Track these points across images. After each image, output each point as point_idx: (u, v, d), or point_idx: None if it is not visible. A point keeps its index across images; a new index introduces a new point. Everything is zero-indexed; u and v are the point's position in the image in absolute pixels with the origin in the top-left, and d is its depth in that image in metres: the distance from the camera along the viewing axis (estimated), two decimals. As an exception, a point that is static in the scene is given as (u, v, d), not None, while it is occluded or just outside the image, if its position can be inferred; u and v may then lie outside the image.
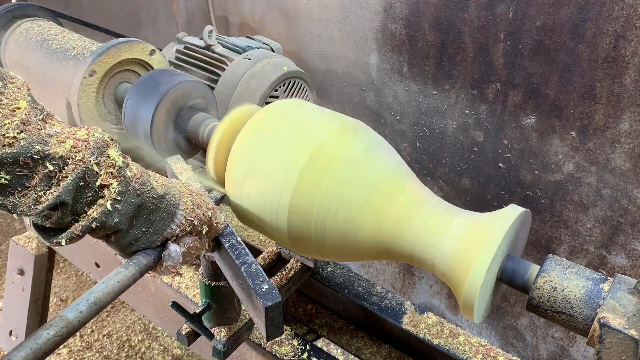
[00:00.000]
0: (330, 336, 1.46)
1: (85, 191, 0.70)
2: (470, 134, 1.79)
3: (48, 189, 0.67)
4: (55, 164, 0.67)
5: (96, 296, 0.71)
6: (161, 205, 0.78)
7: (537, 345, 1.97)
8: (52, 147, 0.67)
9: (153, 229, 0.78)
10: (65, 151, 0.68)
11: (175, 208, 0.80)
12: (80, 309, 0.68)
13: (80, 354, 2.29)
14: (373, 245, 0.95)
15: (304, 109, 1.07)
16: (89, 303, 0.69)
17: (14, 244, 1.90)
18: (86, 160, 0.69)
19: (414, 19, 1.75)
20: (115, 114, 1.51)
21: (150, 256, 0.79)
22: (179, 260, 0.81)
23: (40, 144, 0.66)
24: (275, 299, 0.83)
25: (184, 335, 1.14)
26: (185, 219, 0.81)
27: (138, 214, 0.76)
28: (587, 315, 0.80)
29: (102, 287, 0.72)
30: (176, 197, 0.81)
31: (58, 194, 0.67)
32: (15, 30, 1.62)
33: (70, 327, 0.66)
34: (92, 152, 0.70)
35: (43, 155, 0.66)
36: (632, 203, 1.53)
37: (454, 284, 0.87)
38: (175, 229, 0.80)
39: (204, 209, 0.85)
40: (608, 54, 1.41)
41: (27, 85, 0.70)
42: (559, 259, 0.86)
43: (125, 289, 0.75)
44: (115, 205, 0.72)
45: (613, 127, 1.48)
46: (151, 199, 0.76)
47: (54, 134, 0.69)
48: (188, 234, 0.82)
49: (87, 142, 0.71)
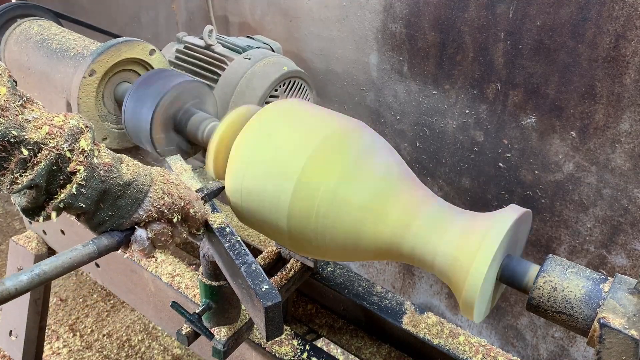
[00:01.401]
0: (330, 336, 1.46)
1: (58, 175, 0.75)
2: (471, 134, 1.79)
3: (24, 171, 0.72)
4: (30, 149, 0.71)
5: (42, 269, 0.72)
6: (127, 192, 0.81)
7: (537, 345, 1.97)
8: (29, 132, 0.72)
9: (119, 213, 0.81)
10: (41, 137, 0.73)
11: (144, 195, 0.83)
12: (21, 278, 0.69)
13: (80, 354, 2.29)
14: (373, 245, 0.95)
15: (304, 108, 1.07)
16: (32, 274, 0.71)
17: (13, 244, 1.90)
18: (59, 147, 0.74)
19: (414, 18, 1.75)
20: (115, 114, 1.51)
21: (115, 238, 0.82)
22: (144, 245, 0.84)
23: (17, 129, 0.70)
24: (275, 299, 0.82)
25: (184, 335, 1.14)
26: (153, 206, 0.84)
27: (103, 198, 0.79)
28: (587, 316, 0.80)
29: (52, 260, 0.74)
30: (145, 184, 0.84)
31: (32, 177, 0.72)
32: (15, 30, 1.62)
33: (5, 294, 0.67)
34: (66, 138, 0.75)
35: (19, 140, 0.70)
36: (632, 203, 1.53)
37: (454, 284, 0.86)
38: (142, 214, 0.83)
39: (175, 197, 0.87)
40: (608, 53, 1.41)
41: (8, 72, 0.74)
42: (559, 259, 0.86)
43: (77, 266, 0.77)
44: (80, 190, 0.76)
45: (613, 127, 1.48)
46: (117, 185, 0.80)
47: (31, 120, 0.73)
48: (156, 220, 0.85)
49: (62, 129, 0.75)
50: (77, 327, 2.42)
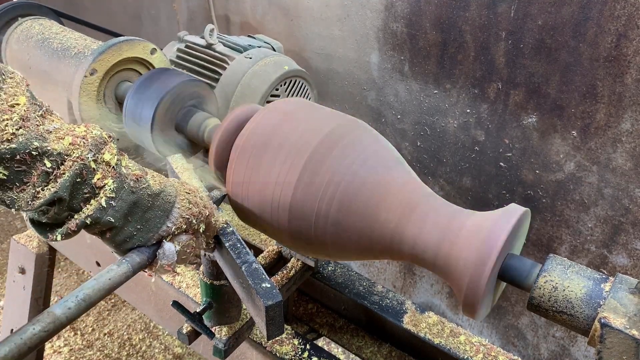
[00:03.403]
0: (331, 335, 1.46)
1: (82, 187, 0.71)
2: (472, 133, 1.79)
3: (46, 184, 0.68)
4: (53, 160, 0.67)
5: (86, 293, 0.70)
6: (156, 203, 0.78)
7: (538, 345, 1.97)
8: (51, 143, 0.68)
9: (148, 226, 0.78)
10: (64, 148, 0.69)
11: (171, 206, 0.80)
12: (68, 305, 0.68)
13: (82, 353, 2.30)
14: (373, 245, 0.95)
15: (305, 107, 1.07)
16: (78, 300, 0.69)
17: (15, 243, 1.90)
18: (84, 157, 0.70)
19: (415, 17, 1.74)
20: (116, 113, 1.51)
21: (145, 254, 0.79)
22: (173, 259, 0.81)
23: (39, 140, 0.66)
24: (276, 298, 0.83)
25: (184, 334, 1.14)
26: (181, 217, 0.81)
27: (133, 211, 0.76)
28: (588, 315, 0.80)
29: (93, 284, 0.72)
30: (172, 195, 0.81)
31: (55, 190, 0.68)
32: (16, 29, 1.62)
33: (57, 323, 0.66)
34: (90, 149, 0.71)
35: (41, 152, 0.66)
36: (634, 202, 1.53)
37: (455, 283, 0.86)
38: (171, 226, 0.80)
39: (200, 207, 0.85)
40: (609, 53, 1.41)
41: (25, 81, 0.70)
42: (560, 259, 0.86)
43: (116, 286, 0.75)
44: (109, 202, 0.73)
45: (614, 127, 1.48)
46: (146, 196, 0.77)
47: (52, 130, 0.69)
48: (184, 232, 0.83)
49: (85, 139, 0.71)
50: (78, 326, 2.43)
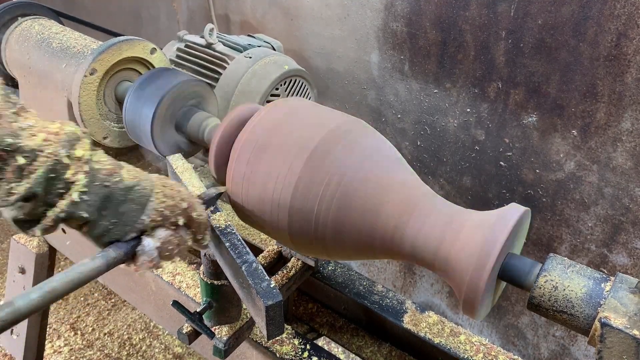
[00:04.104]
0: (331, 335, 1.46)
1: (56, 183, 0.73)
2: (472, 133, 1.79)
3: (20, 180, 0.69)
4: (26, 156, 0.69)
5: (52, 285, 0.70)
6: (130, 196, 0.79)
7: (538, 344, 1.97)
8: (24, 140, 0.70)
9: (124, 220, 0.79)
10: (37, 144, 0.71)
11: (147, 199, 0.81)
12: (32, 296, 0.68)
13: (82, 352, 2.30)
14: (373, 243, 0.95)
15: (305, 107, 1.07)
16: (42, 292, 0.69)
17: (14, 243, 1.90)
18: (57, 153, 0.72)
19: (415, 17, 1.74)
20: (116, 113, 1.51)
21: (122, 249, 0.79)
22: (152, 255, 0.81)
23: (12, 137, 0.69)
24: (276, 298, 0.83)
25: (184, 334, 1.14)
26: (156, 210, 0.81)
27: (106, 205, 0.77)
28: (588, 315, 0.80)
29: (61, 277, 0.72)
30: (148, 188, 0.82)
31: (30, 185, 0.70)
32: (16, 29, 1.62)
33: (16, 313, 0.66)
34: (63, 145, 0.73)
35: (14, 148, 0.69)
36: (634, 202, 1.53)
37: (456, 282, 0.86)
38: (145, 219, 0.80)
39: (177, 200, 0.85)
40: (610, 52, 1.41)
41: (1, 80, 0.73)
42: (560, 258, 0.86)
43: (86, 280, 0.75)
44: (82, 197, 0.74)
45: (614, 126, 1.48)
46: (119, 190, 0.78)
47: (26, 127, 0.71)
48: (161, 226, 0.82)
49: (58, 135, 0.73)
50: (78, 325, 2.43)
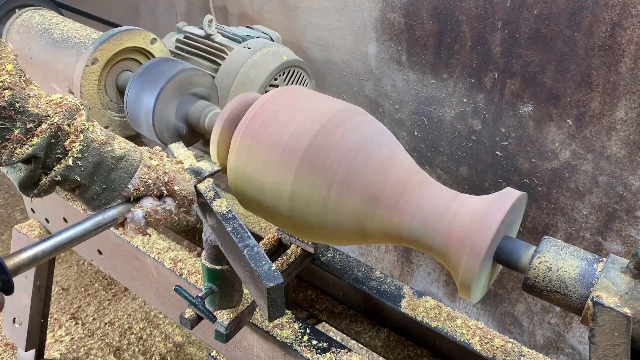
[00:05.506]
0: (330, 321, 1.49)
1: (55, 148, 0.81)
2: (468, 123, 1.81)
3: (24, 143, 0.78)
4: (32, 120, 0.78)
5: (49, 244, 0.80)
6: (120, 165, 0.87)
7: (534, 331, 2.00)
8: (31, 107, 0.79)
9: (112, 186, 0.87)
10: (42, 111, 0.80)
11: (135, 169, 0.89)
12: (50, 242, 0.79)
13: (83, 342, 2.32)
14: (373, 227, 0.97)
15: (303, 95, 1.09)
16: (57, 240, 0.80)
17: (16, 232, 1.91)
18: (59, 121, 0.80)
19: (412, 8, 1.76)
20: (117, 102, 1.52)
21: (110, 213, 0.88)
22: (140, 223, 0.90)
23: (23, 100, 0.77)
24: (277, 280, 0.84)
25: (186, 319, 1.16)
26: (140, 179, 0.89)
27: (97, 170, 0.85)
28: (581, 294, 0.82)
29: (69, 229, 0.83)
30: (136, 159, 0.90)
31: (33, 148, 0.78)
32: (16, 20, 1.62)
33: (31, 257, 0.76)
34: (65, 114, 0.81)
35: (22, 111, 0.77)
36: (628, 190, 1.55)
37: (452, 264, 0.89)
38: (130, 187, 0.88)
39: (160, 172, 0.92)
40: (604, 42, 1.43)
41: (14, 53, 0.80)
42: (554, 240, 0.88)
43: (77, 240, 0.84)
44: (76, 162, 0.83)
45: (609, 115, 1.50)
46: (110, 159, 0.86)
47: (33, 96, 0.80)
48: (146, 195, 0.91)
49: (60, 106, 0.82)
50: (79, 315, 2.45)
